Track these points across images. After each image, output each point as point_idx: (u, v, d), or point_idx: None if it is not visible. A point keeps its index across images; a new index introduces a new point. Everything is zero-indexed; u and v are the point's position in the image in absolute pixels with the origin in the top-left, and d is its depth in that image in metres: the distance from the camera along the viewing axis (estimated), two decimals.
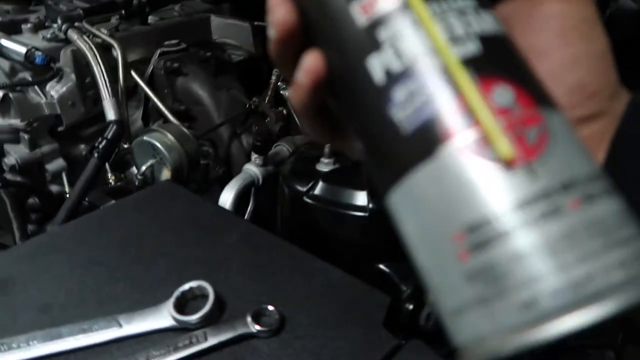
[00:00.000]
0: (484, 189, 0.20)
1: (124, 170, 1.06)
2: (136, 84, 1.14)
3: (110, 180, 1.03)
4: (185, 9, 1.35)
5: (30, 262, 0.62)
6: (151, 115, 1.17)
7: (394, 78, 0.22)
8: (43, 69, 0.96)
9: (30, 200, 1.00)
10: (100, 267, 0.61)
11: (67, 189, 0.98)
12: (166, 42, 1.18)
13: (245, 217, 0.86)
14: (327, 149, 0.72)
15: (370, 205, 0.65)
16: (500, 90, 0.21)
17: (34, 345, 0.51)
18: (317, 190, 0.69)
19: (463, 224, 0.20)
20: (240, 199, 0.84)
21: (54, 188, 1.00)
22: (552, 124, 0.21)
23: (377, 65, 0.23)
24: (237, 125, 1.16)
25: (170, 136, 0.91)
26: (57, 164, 0.98)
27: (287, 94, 1.44)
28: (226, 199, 0.83)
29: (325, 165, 0.72)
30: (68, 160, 1.02)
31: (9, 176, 0.94)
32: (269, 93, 1.35)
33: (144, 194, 0.75)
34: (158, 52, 1.16)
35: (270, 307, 0.54)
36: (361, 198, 0.66)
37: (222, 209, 0.72)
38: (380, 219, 0.66)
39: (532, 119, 0.21)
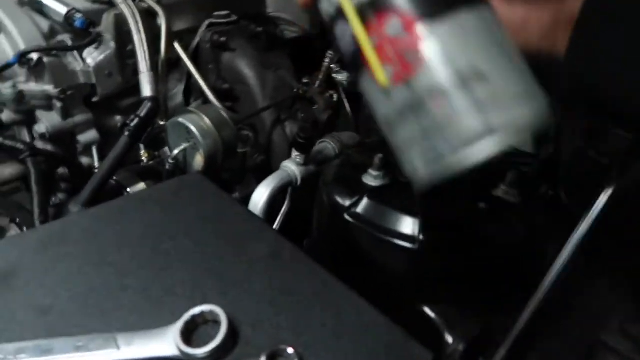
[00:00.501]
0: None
1: (158, 148, 0.99)
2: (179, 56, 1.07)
3: (143, 158, 0.97)
4: None
5: (38, 253, 0.57)
6: (193, 91, 1.10)
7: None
8: (82, 33, 0.90)
9: (60, 170, 0.96)
10: (110, 268, 0.55)
11: (96, 163, 0.93)
12: (216, 13, 1.10)
13: (278, 219, 0.78)
14: (377, 159, 0.62)
15: (421, 236, 0.56)
16: (391, 22, 0.27)
17: (22, 359, 0.45)
18: (360, 208, 0.60)
19: None
20: (275, 199, 0.76)
21: (85, 160, 0.95)
22: (431, 41, 0.27)
23: None
24: (282, 111, 1.08)
25: (207, 120, 0.83)
26: (89, 135, 0.93)
27: (339, 77, 1.33)
28: (260, 197, 0.75)
29: (373, 179, 0.63)
30: (102, 132, 0.97)
31: (39, 144, 0.89)
32: (320, 77, 1.26)
33: (169, 187, 0.68)
34: (206, 23, 1.09)
35: (290, 350, 0.46)
36: (410, 225, 0.57)
37: (252, 214, 0.65)
38: (431, 252, 0.57)
39: (413, 42, 0.27)
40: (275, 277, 0.54)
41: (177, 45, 0.99)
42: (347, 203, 0.62)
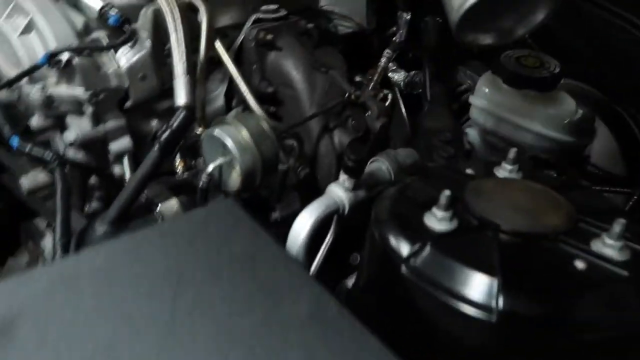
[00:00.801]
0: None
1: (196, 156, 0.91)
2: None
3: (178, 168, 0.89)
4: None
5: (44, 298, 0.50)
6: (235, 94, 1.01)
7: None
8: (117, 31, 0.82)
9: (92, 181, 0.90)
10: (120, 322, 0.47)
11: (128, 174, 0.86)
12: (264, 7, 0.99)
13: (321, 250, 0.68)
14: (443, 198, 0.51)
15: (500, 304, 0.44)
16: None
17: None
18: (421, 260, 0.48)
19: None
20: (319, 231, 0.66)
21: (118, 169, 0.88)
22: None
23: None
24: (331, 118, 0.97)
25: (245, 133, 0.73)
26: (122, 143, 0.85)
27: (395, 77, 1.21)
28: (301, 228, 0.65)
29: (437, 221, 0.51)
30: (136, 138, 0.89)
31: (69, 153, 0.83)
32: (375, 78, 1.14)
33: (195, 217, 0.59)
34: (252, 18, 0.99)
35: None
36: (486, 288, 0.45)
37: (290, 258, 0.55)
38: (512, 327, 0.45)
39: None
40: (316, 347, 0.44)
41: (218, 44, 0.89)
42: (405, 251, 0.50)
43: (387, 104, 1.15)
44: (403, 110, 1.40)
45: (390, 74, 1.23)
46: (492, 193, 0.54)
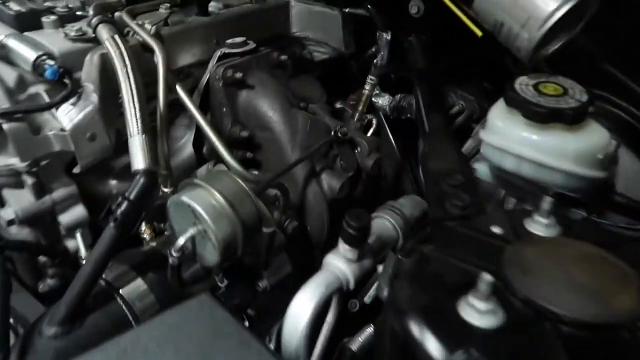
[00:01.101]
0: None
1: (165, 220, 0.78)
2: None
3: (145, 236, 0.76)
4: None
5: None
6: (206, 140, 0.88)
7: None
8: (57, 85, 0.69)
9: (42, 259, 0.76)
10: None
11: (83, 252, 0.72)
12: (229, 41, 0.88)
13: (323, 334, 0.56)
14: (484, 283, 0.39)
15: None
16: None
17: None
18: None
19: None
20: (321, 315, 0.53)
21: (72, 245, 0.75)
22: None
23: None
24: (317, 160, 0.85)
25: (219, 197, 0.61)
26: (74, 214, 0.72)
27: (380, 102, 1.10)
28: (300, 316, 0.52)
29: (480, 316, 0.39)
30: (94, 203, 0.76)
31: (12, 232, 0.69)
32: (360, 108, 1.02)
33: (167, 322, 0.46)
34: (218, 54, 0.87)
35: None
36: None
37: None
38: None
39: None
40: None
41: (180, 90, 0.77)
42: (440, 356, 0.38)
43: (371, 130, 1.04)
44: (391, 138, 1.30)
45: (374, 99, 1.13)
46: (539, 266, 0.43)
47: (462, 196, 0.62)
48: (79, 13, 0.87)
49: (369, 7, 1.04)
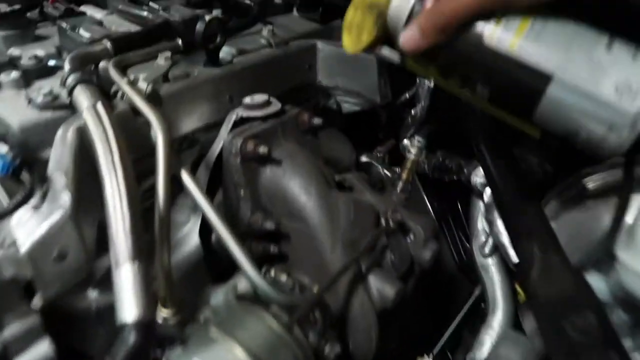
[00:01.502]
0: None
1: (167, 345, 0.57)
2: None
3: None
4: (278, 32, 0.84)
5: None
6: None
7: None
8: (13, 181, 0.49)
9: None
10: None
11: None
12: (247, 100, 0.68)
13: None
14: None
15: None
16: None
17: None
18: None
19: None
20: None
21: None
22: None
23: None
24: (362, 258, 0.65)
25: (240, 353, 0.41)
26: (36, 352, 0.51)
27: (412, 153, 0.89)
28: None
29: None
30: (67, 326, 0.55)
31: None
32: (404, 176, 0.82)
33: None
34: (233, 118, 0.67)
35: None
36: None
37: None
38: None
39: None
40: None
41: (185, 175, 0.57)
42: None
43: (399, 187, 0.84)
44: (426, 200, 1.11)
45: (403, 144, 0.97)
46: None
47: (606, 353, 0.42)
48: (51, 62, 0.67)
49: None
